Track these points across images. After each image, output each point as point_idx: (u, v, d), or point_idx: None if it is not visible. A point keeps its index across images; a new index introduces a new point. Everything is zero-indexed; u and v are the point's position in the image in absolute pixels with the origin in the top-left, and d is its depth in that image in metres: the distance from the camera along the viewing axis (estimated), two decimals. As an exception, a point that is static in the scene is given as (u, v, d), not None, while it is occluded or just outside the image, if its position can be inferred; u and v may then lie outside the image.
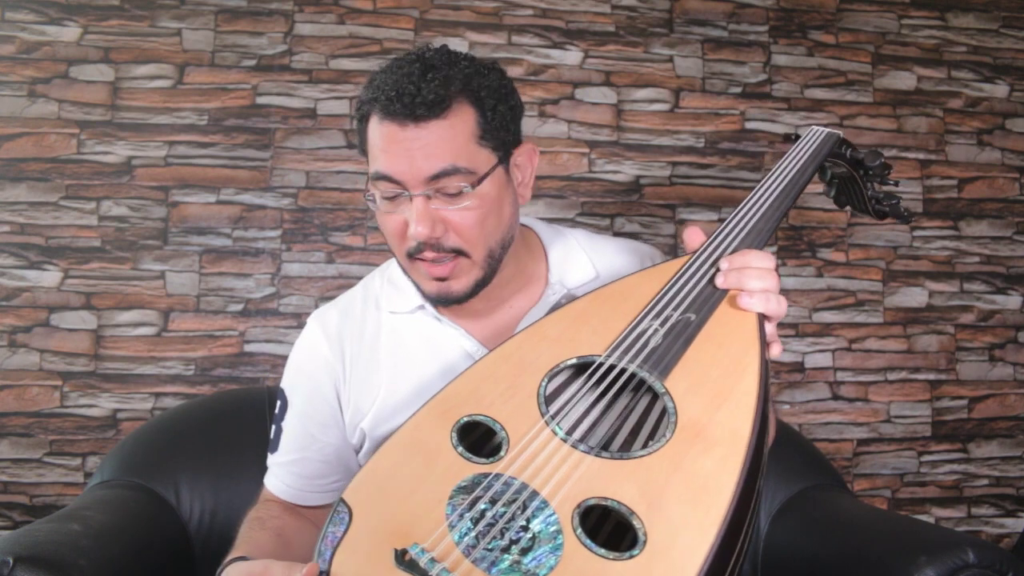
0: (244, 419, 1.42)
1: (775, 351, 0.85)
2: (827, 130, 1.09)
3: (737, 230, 0.93)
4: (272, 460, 1.11)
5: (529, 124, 1.99)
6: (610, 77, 2.05)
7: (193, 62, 1.92)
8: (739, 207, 0.96)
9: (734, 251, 0.90)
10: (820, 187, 1.23)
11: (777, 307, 0.84)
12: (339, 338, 1.09)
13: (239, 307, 1.90)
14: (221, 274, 1.90)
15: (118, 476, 1.38)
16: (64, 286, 1.85)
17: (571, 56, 2.03)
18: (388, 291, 1.11)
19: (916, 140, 2.14)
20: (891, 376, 2.08)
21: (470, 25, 2.00)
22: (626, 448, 0.83)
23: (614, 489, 0.72)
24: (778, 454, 1.45)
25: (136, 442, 1.45)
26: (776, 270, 0.86)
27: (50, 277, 1.85)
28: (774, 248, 2.06)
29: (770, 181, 0.99)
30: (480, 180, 0.95)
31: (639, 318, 0.86)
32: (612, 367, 0.82)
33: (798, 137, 1.09)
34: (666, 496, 0.71)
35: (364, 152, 1.02)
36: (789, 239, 2.07)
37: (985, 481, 2.10)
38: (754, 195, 0.98)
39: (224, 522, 1.33)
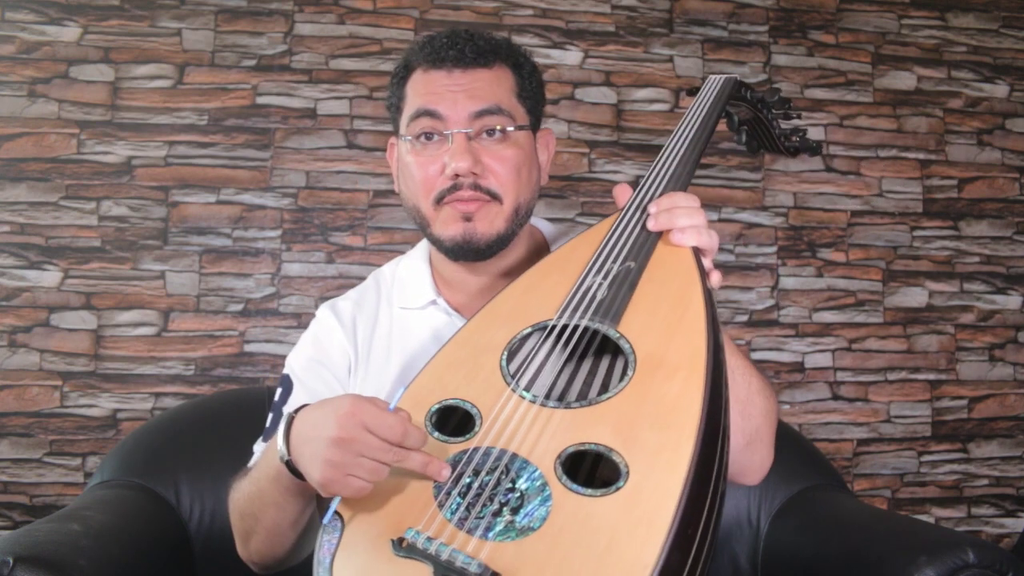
0: (244, 419, 1.42)
1: (715, 279, 0.88)
2: (725, 76, 1.13)
3: (660, 178, 0.97)
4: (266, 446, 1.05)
5: (529, 124, 1.99)
6: (610, 77, 2.05)
7: (193, 62, 1.92)
8: (656, 159, 1.00)
9: (660, 196, 0.93)
10: (822, 187, 1.23)
11: (709, 240, 0.89)
12: (353, 327, 1.09)
13: (239, 307, 1.90)
14: (221, 274, 1.90)
15: (118, 476, 1.38)
16: (64, 286, 1.85)
17: (571, 56, 2.03)
18: (399, 287, 1.12)
19: (916, 140, 2.14)
20: (891, 376, 2.08)
21: (470, 25, 2.00)
22: (592, 395, 0.86)
23: (589, 433, 0.75)
24: (778, 454, 1.45)
25: (136, 442, 1.45)
26: (701, 208, 0.90)
27: (50, 277, 1.85)
28: (774, 247, 2.06)
29: (682, 130, 1.03)
30: (519, 127, 1.01)
31: (582, 277, 0.89)
32: (565, 326, 0.85)
33: (698, 89, 1.13)
34: (638, 426, 0.74)
35: (398, 110, 1.04)
36: (789, 239, 2.07)
37: (985, 481, 2.10)
38: (669, 145, 1.02)
39: (224, 522, 1.33)
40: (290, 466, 0.82)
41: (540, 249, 1.13)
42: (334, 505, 0.75)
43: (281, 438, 0.82)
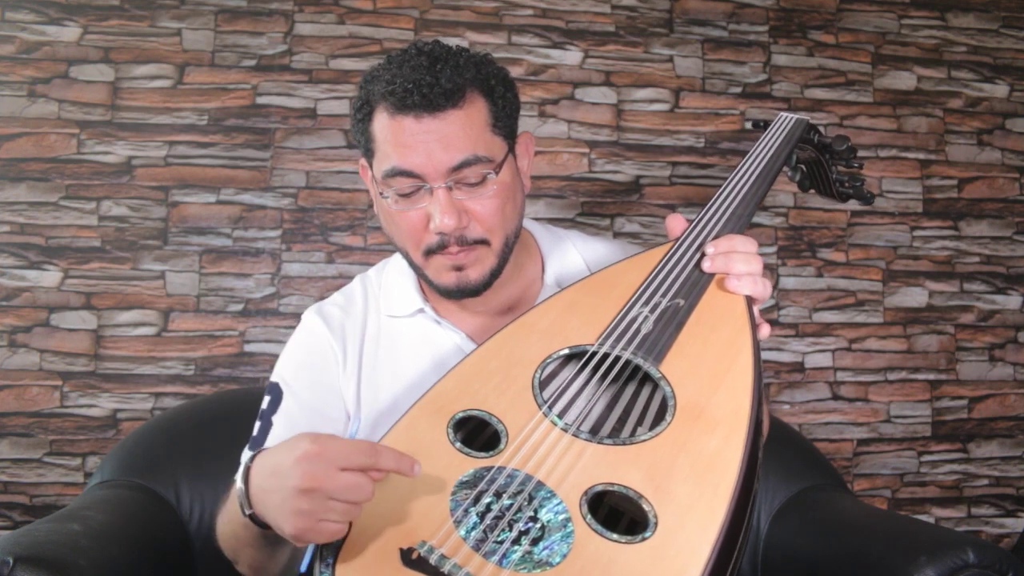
0: (244, 419, 1.42)
1: (764, 332, 0.85)
2: (796, 116, 1.11)
3: (718, 216, 0.94)
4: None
5: (529, 124, 1.99)
6: (610, 77, 2.05)
7: (193, 62, 1.92)
8: (717, 194, 0.97)
9: (717, 236, 0.91)
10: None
11: (763, 290, 0.86)
12: (342, 333, 1.07)
13: (239, 307, 1.90)
14: (221, 274, 1.90)
15: (118, 476, 1.38)
16: (64, 286, 1.85)
17: (571, 56, 2.03)
18: (386, 295, 1.10)
19: (916, 140, 2.14)
20: (891, 376, 2.08)
21: (470, 25, 2.00)
22: (627, 434, 0.83)
23: (620, 474, 0.72)
24: (778, 454, 1.45)
25: (136, 442, 1.45)
26: (759, 254, 0.87)
27: (50, 277, 1.85)
28: (774, 247, 2.06)
29: (745, 167, 1.01)
30: (499, 168, 0.96)
31: (628, 306, 0.87)
32: (606, 355, 0.83)
33: (767, 124, 1.10)
34: (673, 478, 0.72)
35: (368, 151, 0.99)
36: (789, 239, 2.07)
37: (985, 481, 2.10)
38: (731, 181, 0.99)
39: (224, 522, 1.33)
40: (255, 519, 0.77)
41: (533, 258, 1.11)
42: (309, 555, 0.71)
43: (240, 492, 0.76)
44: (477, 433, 0.82)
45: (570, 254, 1.12)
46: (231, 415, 1.46)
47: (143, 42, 1.91)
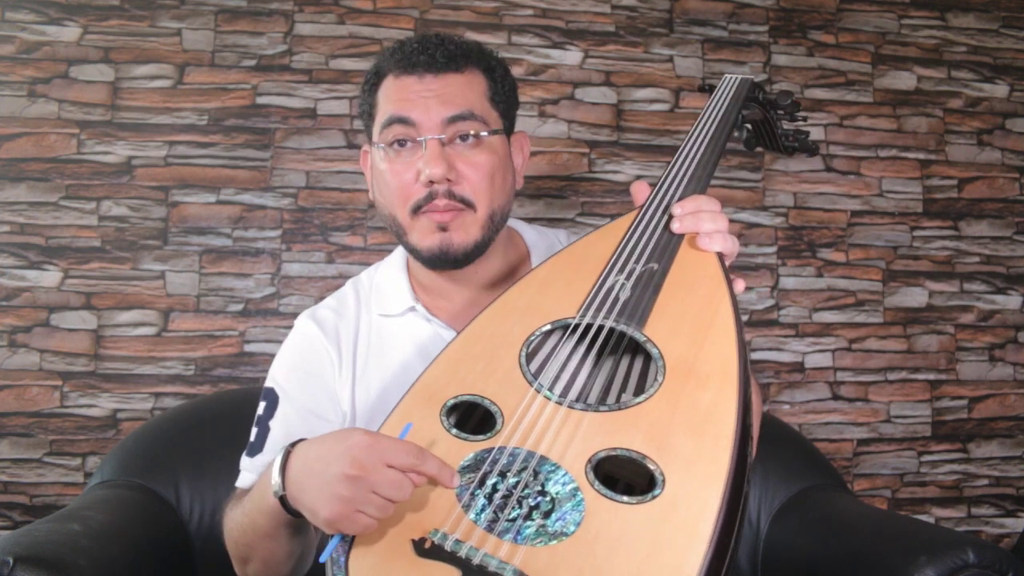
0: (244, 419, 1.42)
1: (740, 286, 0.87)
2: (740, 76, 1.12)
3: (680, 179, 0.95)
4: (253, 462, 1.05)
5: (529, 124, 1.99)
6: (610, 77, 2.05)
7: (193, 62, 1.92)
8: (675, 158, 0.99)
9: (681, 198, 0.92)
10: (822, 187, 1.23)
11: (732, 246, 0.88)
12: (336, 335, 1.08)
13: (239, 307, 1.90)
14: (221, 274, 1.90)
15: (118, 476, 1.38)
16: (64, 286, 1.85)
17: (571, 56, 2.03)
18: (377, 295, 1.11)
19: (916, 140, 2.14)
20: (891, 376, 2.08)
21: (470, 25, 2.00)
22: (621, 399, 0.84)
23: (620, 439, 0.73)
24: (778, 454, 1.46)
25: (136, 442, 1.46)
26: (723, 212, 0.89)
27: (50, 277, 1.85)
28: (774, 247, 2.06)
29: (699, 130, 1.02)
30: (493, 132, 1.00)
31: (603, 275, 0.88)
32: (589, 326, 0.83)
33: (712, 87, 1.12)
34: (672, 434, 0.73)
35: (370, 118, 1.04)
36: (789, 239, 2.07)
37: (985, 481, 2.10)
38: (686, 145, 1.00)
39: (224, 522, 1.33)
40: (284, 502, 0.80)
41: (521, 255, 1.12)
42: (333, 544, 0.72)
43: (277, 473, 0.79)
44: (468, 418, 0.82)
45: (556, 248, 1.13)
46: (231, 415, 1.47)
47: (143, 42, 1.91)
